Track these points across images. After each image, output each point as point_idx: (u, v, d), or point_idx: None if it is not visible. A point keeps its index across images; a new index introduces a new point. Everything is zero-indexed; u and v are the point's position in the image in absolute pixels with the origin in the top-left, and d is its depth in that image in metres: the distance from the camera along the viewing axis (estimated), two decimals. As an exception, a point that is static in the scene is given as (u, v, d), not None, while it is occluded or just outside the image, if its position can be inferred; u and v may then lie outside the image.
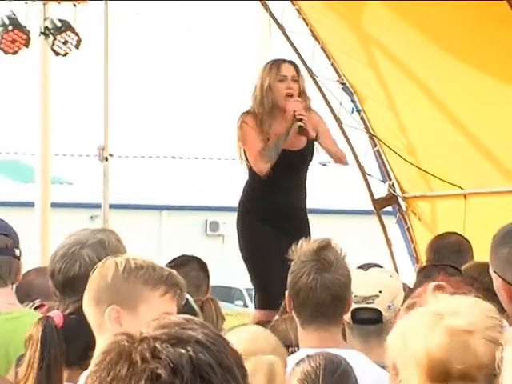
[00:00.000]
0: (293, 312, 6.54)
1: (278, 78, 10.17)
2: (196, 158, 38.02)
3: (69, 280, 6.22)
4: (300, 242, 6.82)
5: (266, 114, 10.08)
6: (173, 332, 2.52)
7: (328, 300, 6.30)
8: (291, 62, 10.64)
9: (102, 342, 4.58)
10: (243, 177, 10.35)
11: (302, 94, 10.22)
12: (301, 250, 6.66)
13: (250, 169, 10.33)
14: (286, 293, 6.68)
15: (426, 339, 3.68)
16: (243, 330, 5.62)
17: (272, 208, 9.88)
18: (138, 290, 5.24)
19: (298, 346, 6.29)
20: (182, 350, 2.44)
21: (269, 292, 7.58)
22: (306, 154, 10.45)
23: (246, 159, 10.34)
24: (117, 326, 5.00)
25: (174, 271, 5.42)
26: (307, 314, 6.31)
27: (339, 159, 11.02)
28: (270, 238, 7.70)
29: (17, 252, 6.72)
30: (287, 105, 10.00)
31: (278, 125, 10.03)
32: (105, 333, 4.91)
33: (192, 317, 2.82)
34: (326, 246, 6.59)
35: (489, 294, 6.09)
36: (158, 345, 2.46)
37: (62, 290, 6.24)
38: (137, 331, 2.59)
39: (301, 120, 10.07)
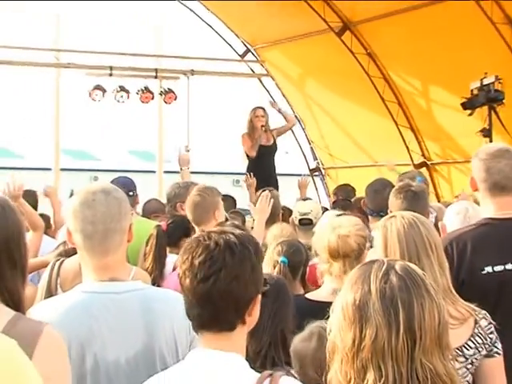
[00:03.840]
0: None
1: (255, 115, 9.89)
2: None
3: (172, 205, 6.06)
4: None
5: (252, 133, 9.82)
6: (222, 228, 2.38)
7: (277, 212, 6.24)
8: (262, 108, 10.19)
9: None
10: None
11: (266, 122, 9.97)
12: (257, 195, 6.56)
13: (248, 159, 10.02)
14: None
15: (327, 238, 3.62)
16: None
17: (258, 177, 9.43)
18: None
19: None
20: (223, 236, 2.29)
21: None
22: (272, 146, 10.08)
23: (247, 155, 10.06)
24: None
25: None
26: (270, 221, 6.24)
27: (291, 124, 10.81)
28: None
29: (130, 193, 6.01)
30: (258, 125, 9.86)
31: (257, 133, 9.81)
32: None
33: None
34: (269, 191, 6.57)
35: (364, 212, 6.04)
36: (213, 234, 2.33)
37: (169, 209, 6.09)
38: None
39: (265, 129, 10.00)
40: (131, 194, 6.23)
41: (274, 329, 2.94)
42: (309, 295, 3.69)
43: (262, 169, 9.87)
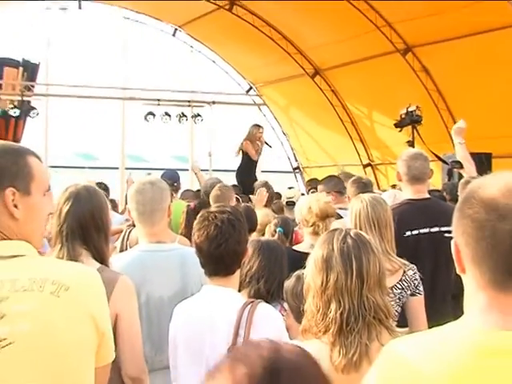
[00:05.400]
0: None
1: (260, 131, 9.17)
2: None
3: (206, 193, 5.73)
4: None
5: (253, 142, 9.03)
6: (221, 209, 2.38)
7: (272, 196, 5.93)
8: (261, 126, 9.51)
9: None
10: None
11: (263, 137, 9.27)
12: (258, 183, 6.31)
13: (243, 159, 9.12)
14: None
15: (317, 205, 3.51)
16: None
17: (250, 172, 8.95)
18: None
19: None
20: (225, 215, 2.33)
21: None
22: (261, 152, 9.27)
23: (242, 157, 9.13)
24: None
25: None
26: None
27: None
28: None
29: (174, 184, 5.79)
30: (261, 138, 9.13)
31: (257, 144, 9.07)
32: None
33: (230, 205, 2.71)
34: (266, 183, 6.21)
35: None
36: (217, 214, 2.33)
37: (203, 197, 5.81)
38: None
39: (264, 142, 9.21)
40: (175, 184, 6.09)
41: (280, 276, 2.95)
42: (295, 247, 3.68)
43: (254, 168, 9.27)
